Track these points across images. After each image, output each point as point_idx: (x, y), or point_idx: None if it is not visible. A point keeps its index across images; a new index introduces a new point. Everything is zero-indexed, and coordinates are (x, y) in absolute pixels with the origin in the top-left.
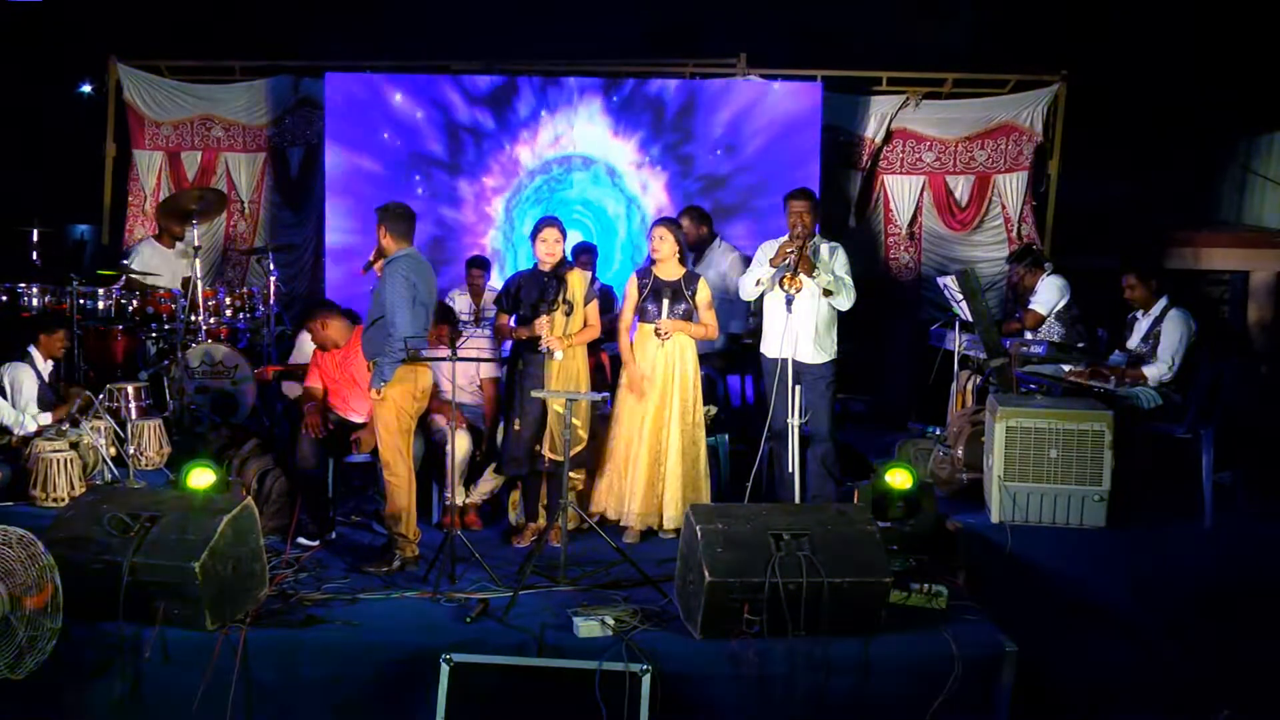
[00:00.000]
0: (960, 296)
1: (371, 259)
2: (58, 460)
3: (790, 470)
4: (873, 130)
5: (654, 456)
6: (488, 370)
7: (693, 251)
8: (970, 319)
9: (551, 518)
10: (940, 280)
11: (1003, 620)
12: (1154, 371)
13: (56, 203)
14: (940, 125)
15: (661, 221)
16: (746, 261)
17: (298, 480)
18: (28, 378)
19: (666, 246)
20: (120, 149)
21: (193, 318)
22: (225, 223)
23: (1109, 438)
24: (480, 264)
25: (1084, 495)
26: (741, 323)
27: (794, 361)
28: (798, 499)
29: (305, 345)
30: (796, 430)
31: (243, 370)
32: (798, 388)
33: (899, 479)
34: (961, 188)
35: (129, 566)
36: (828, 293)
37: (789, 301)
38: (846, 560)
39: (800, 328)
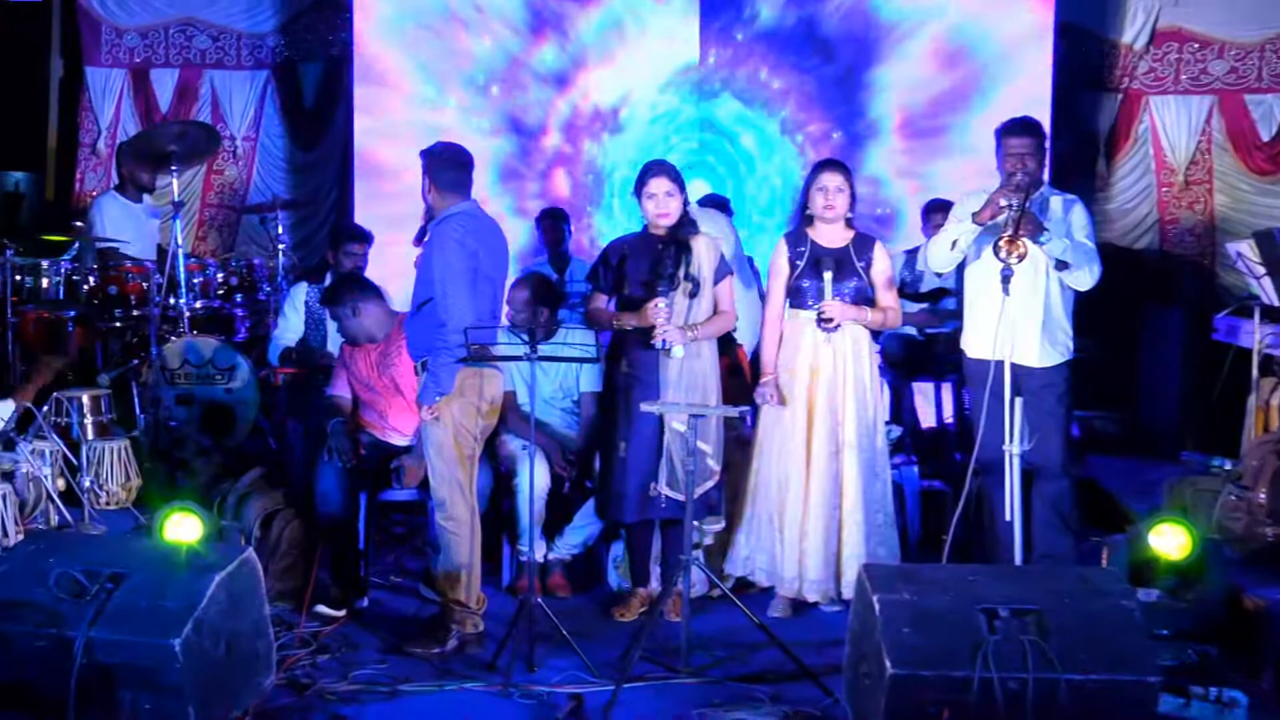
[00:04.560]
0: (1261, 270)
1: (425, 223)
2: None
3: (1008, 518)
4: (1132, 33)
5: (825, 498)
6: (591, 380)
7: None
8: (1275, 302)
9: (669, 582)
10: (1231, 247)
11: None
12: None
13: None
14: (1234, 20)
15: (830, 165)
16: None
17: (317, 526)
18: None
19: (842, 200)
20: (70, 68)
21: (171, 300)
22: (206, 168)
23: None
24: (556, 216)
25: None
26: None
27: (1013, 365)
28: (1019, 559)
29: (292, 313)
30: (1017, 461)
31: (241, 372)
32: (1018, 401)
33: (1170, 536)
34: (1268, 113)
35: (85, 644)
36: (1062, 265)
37: (1005, 279)
38: (1093, 649)
39: (1021, 316)
